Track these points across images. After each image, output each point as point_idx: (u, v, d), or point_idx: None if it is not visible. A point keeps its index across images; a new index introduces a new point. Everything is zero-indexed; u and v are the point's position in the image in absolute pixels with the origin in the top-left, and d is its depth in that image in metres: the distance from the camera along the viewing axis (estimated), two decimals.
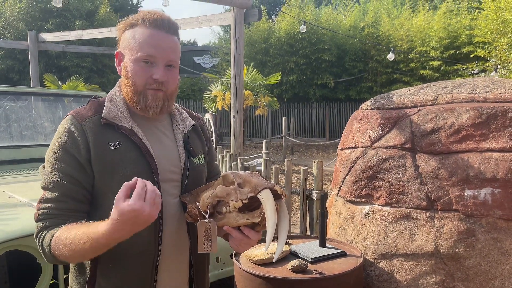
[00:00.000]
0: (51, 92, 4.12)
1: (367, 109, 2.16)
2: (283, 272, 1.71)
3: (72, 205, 1.17)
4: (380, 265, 1.91)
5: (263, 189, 1.12)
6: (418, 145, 1.91)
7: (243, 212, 1.14)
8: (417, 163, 1.89)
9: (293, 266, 1.70)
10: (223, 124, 16.18)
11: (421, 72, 14.78)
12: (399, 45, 15.29)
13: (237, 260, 1.82)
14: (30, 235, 1.83)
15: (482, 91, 1.91)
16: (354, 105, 16.78)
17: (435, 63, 14.33)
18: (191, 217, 1.23)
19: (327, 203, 2.38)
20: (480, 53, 11.53)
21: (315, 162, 3.63)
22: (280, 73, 13.00)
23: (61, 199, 1.16)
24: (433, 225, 1.81)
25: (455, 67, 13.89)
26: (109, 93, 1.32)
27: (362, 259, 1.82)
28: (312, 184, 3.92)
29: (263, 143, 7.89)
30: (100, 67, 15.99)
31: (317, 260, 1.81)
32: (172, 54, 1.23)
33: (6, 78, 14.80)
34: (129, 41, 1.23)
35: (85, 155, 1.18)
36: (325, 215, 2.01)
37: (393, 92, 2.18)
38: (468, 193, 1.76)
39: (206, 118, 11.07)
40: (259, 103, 12.21)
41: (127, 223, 1.01)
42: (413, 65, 15.17)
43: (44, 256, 1.17)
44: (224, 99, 11.61)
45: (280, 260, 1.81)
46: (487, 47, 11.49)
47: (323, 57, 16.41)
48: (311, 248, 1.92)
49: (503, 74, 10.99)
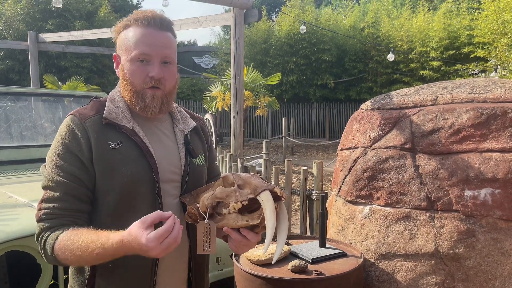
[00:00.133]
0: (51, 92, 4.12)
1: (367, 110, 2.16)
2: (283, 272, 1.71)
3: (74, 204, 1.17)
4: (380, 266, 1.91)
5: (263, 190, 1.12)
6: (418, 146, 1.90)
7: (242, 214, 1.14)
8: (417, 163, 1.89)
9: (293, 266, 1.70)
10: (223, 125, 16.17)
11: (421, 72, 14.78)
12: (399, 46, 15.29)
13: (237, 260, 1.82)
14: (30, 235, 1.83)
15: (482, 91, 1.91)
16: (354, 105, 16.78)
17: (435, 63, 14.33)
18: (190, 217, 1.23)
19: (327, 203, 2.38)
20: (480, 53, 11.54)
21: (315, 162, 3.63)
22: (280, 73, 12.99)
23: (63, 198, 1.16)
24: (433, 225, 1.81)
25: (455, 67, 13.90)
26: (110, 93, 1.32)
27: (362, 259, 1.82)
28: (312, 185, 3.92)
29: (263, 143, 7.89)
30: (100, 67, 15.99)
31: (317, 261, 1.81)
32: (166, 50, 1.22)
33: (6, 79, 14.79)
34: (124, 42, 1.23)
35: (87, 154, 1.18)
36: (325, 215, 2.01)
37: (393, 93, 2.18)
38: (468, 193, 1.76)
39: (206, 119, 11.07)
40: (259, 103, 12.20)
41: (135, 249, 1.05)
42: (413, 65, 15.18)
43: (45, 257, 1.17)
44: (224, 99, 11.60)
45: (280, 260, 1.80)
46: (487, 47, 11.49)
47: (323, 58, 16.42)
48: (311, 249, 1.92)
49: (503, 75, 10.99)
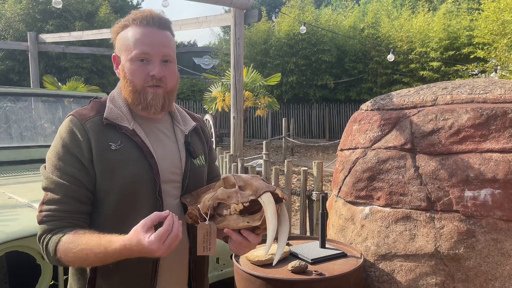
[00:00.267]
0: (51, 93, 4.12)
1: (367, 110, 2.16)
2: (283, 273, 1.71)
3: (75, 206, 1.17)
4: (380, 266, 1.91)
5: (264, 192, 1.12)
6: (418, 146, 1.91)
7: (243, 215, 1.14)
8: (417, 164, 1.89)
9: (293, 267, 1.70)
10: (223, 125, 16.17)
11: (421, 73, 14.78)
12: (399, 46, 15.30)
13: (237, 261, 1.82)
14: (30, 236, 1.83)
15: (482, 92, 1.91)
16: (354, 106, 16.78)
17: (435, 64, 14.33)
18: (191, 218, 1.23)
19: (327, 204, 2.38)
20: (480, 54, 11.55)
21: (315, 163, 3.62)
22: (280, 74, 12.98)
23: (64, 200, 1.16)
24: (433, 226, 1.81)
25: (455, 68, 13.90)
26: (110, 93, 1.32)
27: (362, 260, 1.82)
28: (312, 185, 3.92)
29: (263, 144, 7.89)
30: (100, 68, 15.99)
31: (317, 261, 1.81)
32: (166, 48, 1.23)
33: (6, 79, 14.79)
34: (123, 42, 1.23)
35: (87, 155, 1.18)
36: (325, 216, 2.01)
37: (393, 93, 2.18)
38: (468, 194, 1.76)
39: (206, 119, 11.07)
40: (259, 104, 12.19)
41: (139, 253, 1.06)
42: (413, 66, 15.17)
43: (47, 259, 1.17)
44: (224, 100, 11.59)
45: (280, 261, 1.80)
46: (487, 48, 11.50)
47: (323, 58, 16.42)
48: (311, 249, 1.92)
49: (503, 75, 10.99)
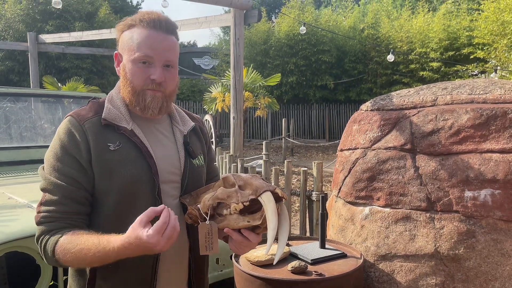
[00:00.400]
0: (51, 93, 4.12)
1: (367, 110, 2.16)
2: (283, 273, 1.71)
3: (73, 207, 1.16)
4: (380, 266, 1.91)
5: (264, 191, 1.12)
6: (418, 146, 1.90)
7: (243, 215, 1.14)
8: (417, 164, 1.89)
9: (293, 267, 1.70)
10: (223, 126, 16.17)
11: (421, 73, 14.78)
12: (398, 47, 15.30)
13: (237, 261, 1.82)
14: (29, 236, 1.83)
15: (482, 92, 1.91)
16: (354, 106, 16.77)
17: (435, 64, 14.33)
18: (190, 218, 1.23)
19: (327, 204, 2.38)
20: (480, 54, 11.55)
21: (315, 163, 3.62)
22: (280, 74, 12.98)
23: (62, 201, 1.16)
24: (433, 226, 1.81)
25: (455, 68, 13.90)
26: (108, 94, 1.31)
27: (362, 260, 1.81)
28: (312, 185, 3.92)
29: (263, 144, 7.88)
30: (100, 68, 15.99)
31: (317, 262, 1.80)
32: (170, 54, 1.23)
33: (6, 80, 14.79)
34: (127, 42, 1.23)
35: (85, 156, 1.17)
36: (325, 216, 2.01)
37: (393, 93, 2.18)
38: (468, 194, 1.76)
39: (206, 120, 11.06)
40: (259, 104, 12.19)
41: (139, 249, 1.05)
42: (412, 66, 15.18)
43: (45, 259, 1.17)
44: (224, 100, 11.59)
45: (280, 261, 1.80)
46: (487, 48, 11.50)
47: (323, 59, 16.42)
48: (311, 250, 1.92)
49: (502, 75, 10.99)
